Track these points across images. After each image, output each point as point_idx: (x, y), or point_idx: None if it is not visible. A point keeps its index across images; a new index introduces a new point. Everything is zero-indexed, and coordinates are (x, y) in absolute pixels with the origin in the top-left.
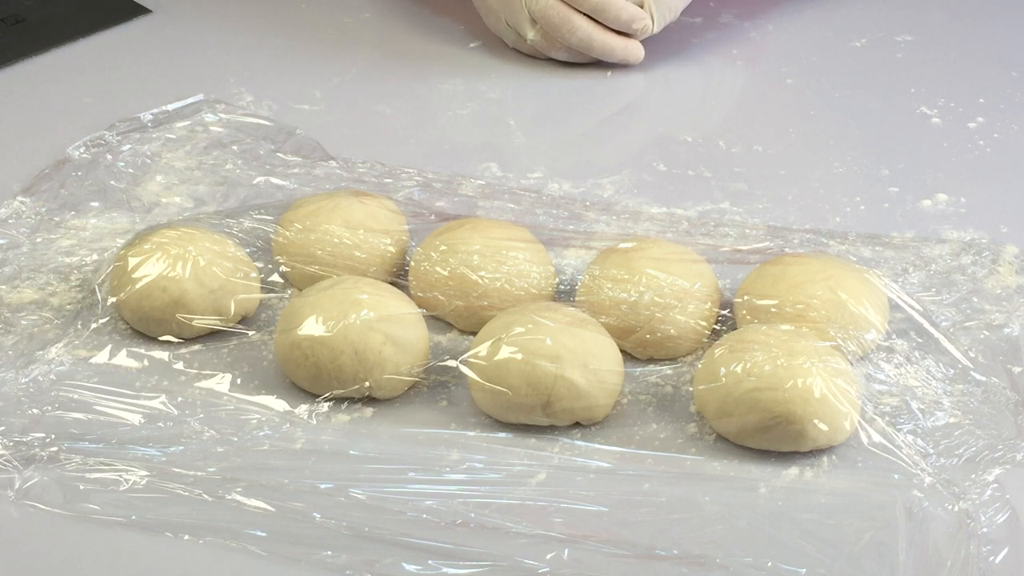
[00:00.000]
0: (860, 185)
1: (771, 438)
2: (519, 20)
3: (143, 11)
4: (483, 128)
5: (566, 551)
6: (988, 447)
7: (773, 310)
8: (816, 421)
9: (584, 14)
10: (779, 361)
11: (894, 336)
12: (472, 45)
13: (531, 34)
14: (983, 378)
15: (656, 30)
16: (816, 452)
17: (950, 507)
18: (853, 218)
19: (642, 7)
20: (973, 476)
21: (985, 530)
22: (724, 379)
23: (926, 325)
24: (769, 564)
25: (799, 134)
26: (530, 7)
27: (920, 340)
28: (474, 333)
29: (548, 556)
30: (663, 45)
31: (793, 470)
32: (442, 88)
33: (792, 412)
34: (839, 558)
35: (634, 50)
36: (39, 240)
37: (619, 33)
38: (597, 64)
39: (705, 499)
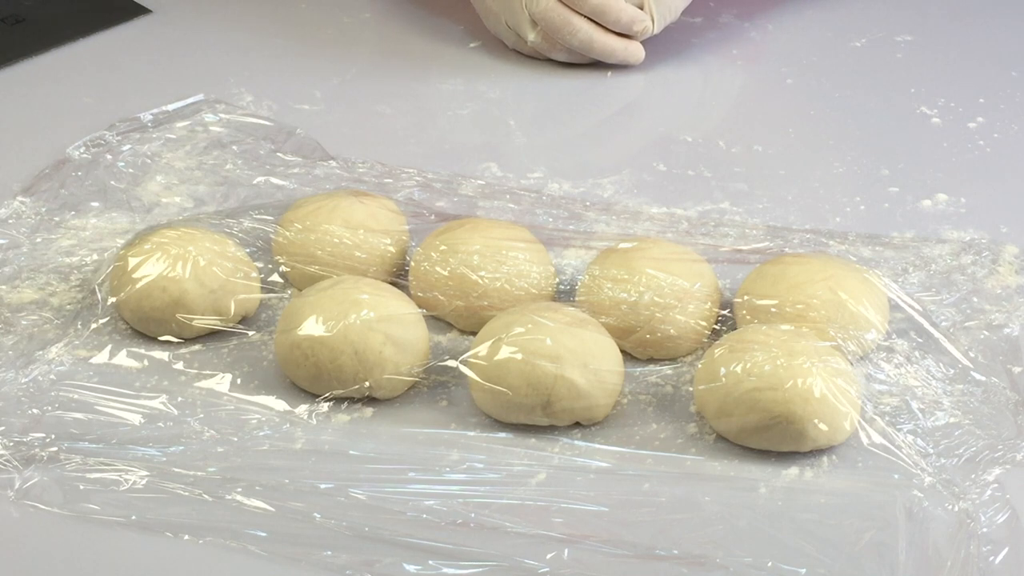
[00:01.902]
0: (860, 185)
1: (771, 438)
2: (519, 22)
3: (143, 11)
4: (483, 128)
5: (566, 551)
6: (988, 447)
7: (773, 310)
8: (816, 421)
9: (584, 16)
10: (779, 361)
11: (894, 336)
12: (472, 45)
13: (531, 36)
14: (983, 378)
15: (656, 31)
16: (816, 452)
17: (950, 507)
18: (853, 218)
19: (642, 8)
20: (973, 476)
21: (985, 530)
22: (724, 379)
23: (926, 325)
24: (769, 564)
25: (799, 134)
26: (530, 9)
27: (920, 340)
28: (474, 333)
29: (548, 556)
30: (663, 45)
31: (793, 470)
32: (442, 88)
33: (792, 412)
34: (839, 558)
35: (634, 51)
36: (39, 240)
37: (619, 34)
38: (597, 65)
39: (705, 499)
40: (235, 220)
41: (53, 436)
